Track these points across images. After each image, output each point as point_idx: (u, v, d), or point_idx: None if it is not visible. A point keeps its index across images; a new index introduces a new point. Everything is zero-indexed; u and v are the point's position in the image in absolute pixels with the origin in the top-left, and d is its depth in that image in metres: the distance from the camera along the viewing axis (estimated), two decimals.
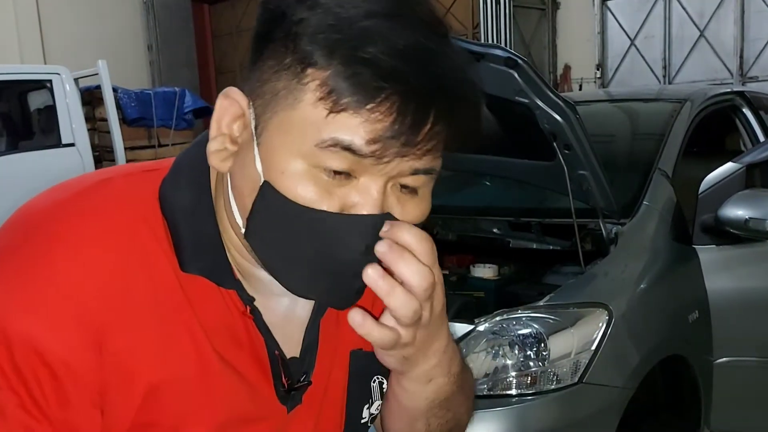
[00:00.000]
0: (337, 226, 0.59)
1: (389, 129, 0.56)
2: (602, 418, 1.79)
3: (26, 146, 6.24)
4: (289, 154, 0.58)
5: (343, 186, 0.59)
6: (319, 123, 0.57)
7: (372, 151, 0.57)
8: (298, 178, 0.58)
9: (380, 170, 0.59)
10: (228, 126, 0.63)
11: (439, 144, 0.60)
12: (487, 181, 2.95)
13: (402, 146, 0.57)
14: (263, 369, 0.68)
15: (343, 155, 0.57)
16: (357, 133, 0.56)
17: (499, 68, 1.92)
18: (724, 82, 7.97)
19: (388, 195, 0.61)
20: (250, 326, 0.67)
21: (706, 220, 2.26)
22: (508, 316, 1.82)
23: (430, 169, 0.61)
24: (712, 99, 2.82)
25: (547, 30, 10.14)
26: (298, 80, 0.57)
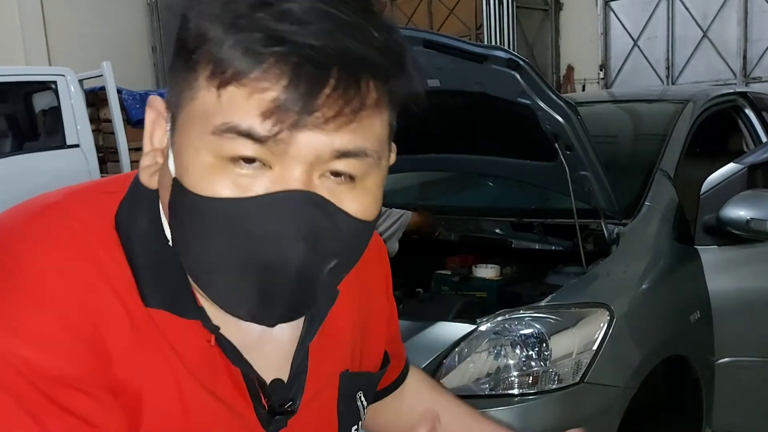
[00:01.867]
0: (249, 211, 0.53)
1: (280, 97, 0.50)
2: (603, 418, 1.79)
3: (31, 147, 6.27)
4: (193, 148, 0.53)
5: (257, 178, 0.53)
6: (211, 106, 0.52)
7: (268, 130, 0.51)
8: (205, 172, 0.53)
9: (292, 155, 0.52)
10: (159, 140, 0.59)
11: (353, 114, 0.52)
12: (490, 181, 2.96)
13: (299, 114, 0.50)
14: (242, 392, 0.65)
15: (242, 142, 0.51)
16: (248, 109, 0.51)
17: (501, 70, 1.93)
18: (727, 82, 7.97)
19: (317, 186, 0.54)
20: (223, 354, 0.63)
21: (708, 220, 2.26)
22: (510, 316, 1.83)
23: (356, 150, 0.54)
24: (714, 100, 2.83)
25: (550, 31, 10.14)
26: (193, 66, 0.53)
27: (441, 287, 2.44)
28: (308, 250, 0.54)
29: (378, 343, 0.82)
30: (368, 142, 0.54)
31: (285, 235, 0.53)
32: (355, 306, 0.77)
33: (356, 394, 0.76)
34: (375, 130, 0.55)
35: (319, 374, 0.71)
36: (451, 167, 2.79)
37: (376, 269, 0.83)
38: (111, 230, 0.60)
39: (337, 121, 0.52)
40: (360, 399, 0.77)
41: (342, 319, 0.75)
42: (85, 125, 6.10)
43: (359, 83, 0.52)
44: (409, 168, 2.86)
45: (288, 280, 0.55)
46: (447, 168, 2.85)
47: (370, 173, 0.56)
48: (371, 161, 0.55)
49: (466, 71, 2.02)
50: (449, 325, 1.88)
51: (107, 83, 6.34)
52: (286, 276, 0.55)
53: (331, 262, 0.57)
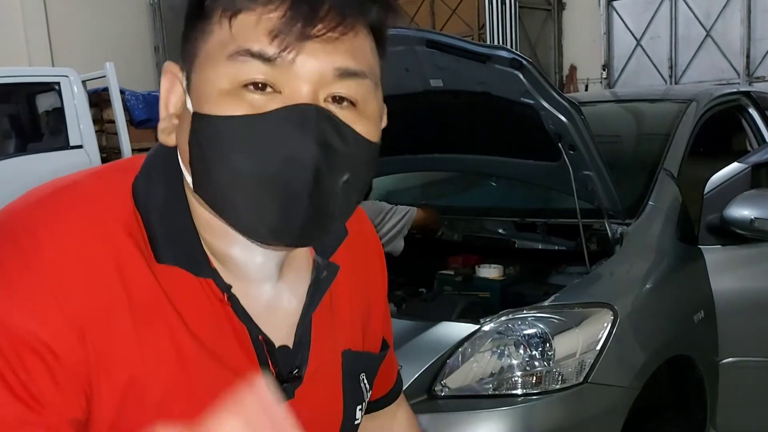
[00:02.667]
0: (265, 125, 0.58)
1: (285, 17, 0.57)
2: (607, 418, 1.79)
3: (35, 148, 6.28)
4: (210, 82, 0.59)
5: (269, 101, 0.58)
6: (226, 38, 0.58)
7: (276, 48, 0.57)
8: (221, 98, 0.58)
9: (299, 74, 0.58)
10: (175, 105, 0.65)
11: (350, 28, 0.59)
12: (493, 181, 2.95)
13: (301, 30, 0.57)
14: (249, 357, 0.67)
15: (254, 64, 0.57)
16: (257, 32, 0.57)
17: (504, 69, 1.93)
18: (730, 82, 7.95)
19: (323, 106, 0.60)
20: (231, 314, 0.66)
21: (712, 220, 2.25)
22: (514, 316, 1.82)
23: (354, 69, 0.60)
24: (718, 99, 2.82)
25: (553, 30, 10.13)
26: (205, 13, 0.60)
27: (444, 287, 2.43)
28: (322, 156, 0.58)
29: (377, 328, 0.84)
30: (364, 63, 0.61)
31: (299, 143, 0.57)
32: (356, 290, 0.79)
33: (360, 375, 0.78)
34: (367, 55, 0.62)
35: (322, 348, 0.73)
36: (454, 167, 2.79)
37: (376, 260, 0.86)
38: (126, 201, 0.64)
39: (335, 32, 0.58)
40: (363, 381, 0.78)
41: (344, 300, 0.77)
42: (89, 126, 6.10)
43: (354, 7, 0.59)
44: (412, 168, 2.86)
45: (306, 185, 0.58)
46: (450, 168, 2.85)
47: (369, 100, 0.62)
48: (369, 84, 0.62)
49: (469, 71, 2.02)
50: (452, 325, 1.88)
51: (110, 84, 6.35)
52: (303, 182, 0.58)
53: (343, 175, 0.61)
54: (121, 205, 0.63)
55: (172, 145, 0.65)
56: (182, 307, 0.63)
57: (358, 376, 0.78)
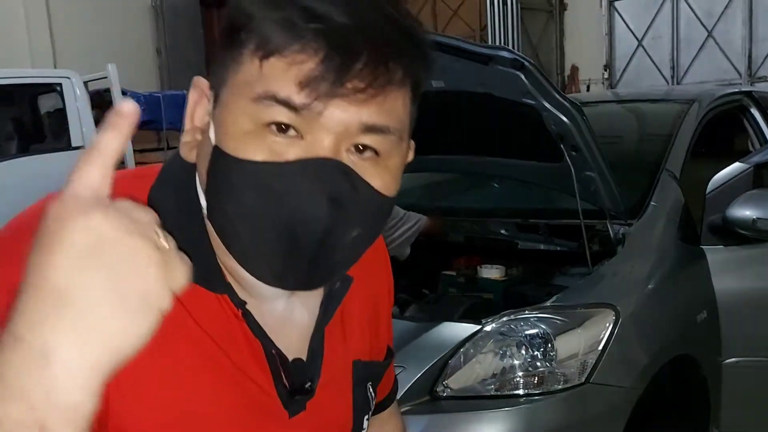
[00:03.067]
0: (282, 174, 0.57)
1: (317, 69, 0.55)
2: (610, 419, 1.79)
3: (37, 149, 6.29)
4: (234, 116, 0.58)
5: (290, 146, 0.57)
6: (254, 77, 0.57)
7: (304, 100, 0.56)
8: (243, 137, 0.58)
9: (324, 125, 0.57)
10: (200, 119, 0.64)
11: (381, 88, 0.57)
12: (495, 182, 2.95)
13: (332, 85, 0.55)
14: (263, 370, 0.67)
15: (279, 109, 0.56)
16: (286, 79, 0.56)
17: (506, 70, 1.93)
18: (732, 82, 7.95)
19: (344, 159, 0.59)
20: (246, 329, 0.66)
21: (714, 220, 2.25)
22: (516, 316, 1.82)
23: (381, 125, 0.58)
24: (720, 99, 2.82)
25: (555, 31, 10.14)
26: (239, 44, 0.59)
27: (447, 288, 2.43)
28: (333, 213, 0.58)
29: (383, 336, 0.85)
30: (392, 119, 0.59)
31: (313, 198, 0.57)
32: (366, 299, 0.80)
33: (367, 383, 0.79)
34: (398, 109, 0.60)
35: (334, 360, 0.73)
36: (457, 168, 2.79)
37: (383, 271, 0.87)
38: None
39: (365, 94, 0.56)
40: (369, 389, 0.79)
41: (355, 310, 0.77)
42: (90, 127, 6.11)
43: (387, 62, 0.57)
44: (414, 169, 2.85)
45: (314, 240, 0.58)
46: (452, 169, 2.85)
47: (393, 152, 0.61)
48: (394, 139, 0.60)
49: (471, 72, 2.02)
50: (454, 326, 1.88)
51: (112, 85, 6.36)
52: (312, 236, 0.58)
53: (354, 231, 0.61)
54: None
55: (191, 161, 0.65)
56: (202, 320, 0.63)
57: (366, 385, 0.78)
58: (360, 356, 0.77)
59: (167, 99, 7.60)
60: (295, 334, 0.70)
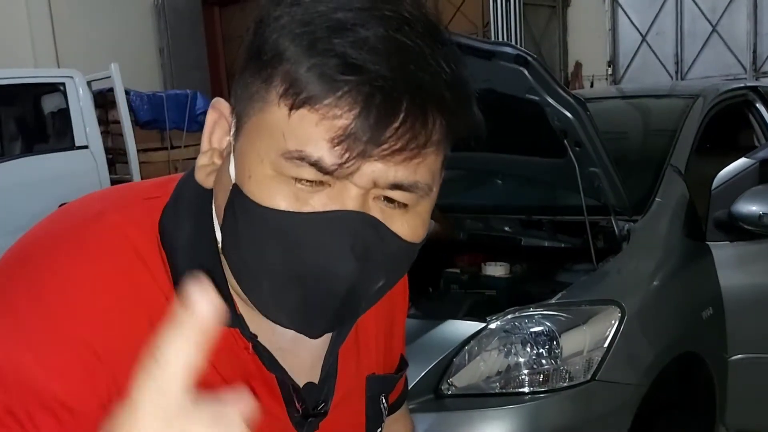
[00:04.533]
0: (305, 226, 0.54)
1: (352, 125, 0.51)
2: (616, 416, 1.78)
3: (40, 149, 6.29)
4: (258, 158, 0.54)
5: (315, 193, 0.54)
6: (282, 125, 0.53)
7: (336, 161, 0.52)
8: (266, 182, 0.54)
9: (354, 181, 0.53)
10: (219, 141, 0.61)
11: (418, 150, 0.53)
12: (498, 179, 2.94)
13: (367, 144, 0.51)
14: (276, 397, 0.66)
15: (308, 170, 0.53)
16: (317, 134, 0.51)
17: (509, 66, 1.92)
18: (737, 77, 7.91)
19: (371, 207, 0.55)
20: (257, 359, 0.64)
21: (720, 216, 2.24)
22: (520, 314, 1.81)
23: (414, 184, 0.55)
24: (725, 94, 2.80)
25: (558, 27, 10.10)
26: (266, 79, 0.54)
27: (450, 285, 2.42)
28: (359, 268, 0.55)
29: (397, 347, 0.84)
30: (425, 177, 0.56)
31: (338, 252, 0.54)
32: (381, 312, 0.78)
33: (380, 396, 0.78)
34: (431, 167, 0.56)
35: (348, 377, 0.72)
36: (460, 164, 2.78)
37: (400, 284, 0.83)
38: (152, 237, 0.61)
39: (402, 155, 0.53)
40: (382, 401, 0.78)
41: (370, 325, 0.76)
42: (94, 127, 6.11)
43: (426, 118, 0.53)
44: None
45: (336, 296, 0.56)
46: (455, 165, 2.83)
47: (423, 202, 0.58)
48: (422, 193, 0.56)
49: (474, 68, 2.00)
50: (459, 324, 1.87)
51: (115, 85, 6.36)
52: (336, 292, 0.56)
53: (379, 281, 0.59)
54: (146, 244, 0.60)
55: (208, 187, 0.61)
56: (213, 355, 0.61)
57: (379, 398, 0.77)
58: (373, 370, 0.77)
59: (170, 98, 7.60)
60: (308, 356, 0.69)
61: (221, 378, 0.62)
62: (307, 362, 0.69)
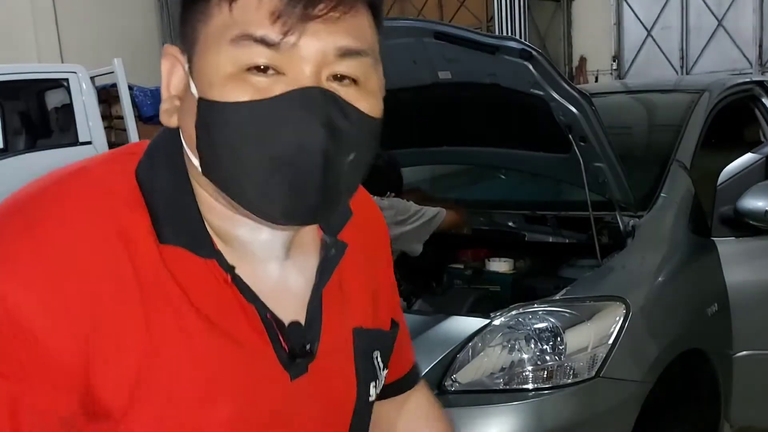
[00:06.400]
0: (272, 110, 0.59)
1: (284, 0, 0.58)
2: (620, 413, 1.77)
3: (44, 144, 6.31)
4: (213, 66, 0.60)
5: (273, 83, 0.59)
6: (227, 22, 0.59)
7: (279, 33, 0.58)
8: (227, 82, 0.59)
9: (302, 56, 0.59)
10: (176, 86, 0.65)
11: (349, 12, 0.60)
12: (502, 174, 2.93)
13: (302, 11, 0.58)
14: (260, 334, 0.67)
15: (257, 49, 0.58)
16: (259, 15, 0.58)
17: (513, 60, 1.91)
18: (743, 71, 7.88)
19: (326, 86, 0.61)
20: (238, 294, 0.66)
21: (725, 211, 2.23)
22: (524, 310, 1.81)
23: (356, 48, 0.61)
24: (730, 89, 2.78)
25: (562, 22, 10.07)
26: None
27: (454, 281, 2.42)
28: (329, 137, 0.59)
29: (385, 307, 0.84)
30: (364, 41, 0.62)
31: (307, 126, 0.59)
32: (364, 269, 0.80)
33: (372, 352, 0.78)
34: (367, 32, 0.63)
35: (333, 325, 0.73)
36: (464, 160, 2.77)
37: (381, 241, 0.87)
38: (131, 184, 0.65)
39: (335, 14, 0.59)
40: (377, 359, 0.78)
41: (353, 278, 0.77)
42: (97, 122, 6.12)
43: None
44: (421, 161, 2.84)
45: (316, 169, 0.60)
46: (459, 160, 2.83)
47: (370, 75, 0.63)
48: (370, 61, 0.63)
49: (478, 63, 2.00)
50: (462, 320, 1.87)
51: (118, 80, 6.37)
52: (314, 163, 0.59)
53: (350, 154, 0.62)
54: (127, 188, 0.64)
55: (174, 127, 0.66)
56: (188, 286, 0.63)
57: (371, 353, 0.78)
58: (361, 323, 0.77)
59: None
60: (292, 299, 0.70)
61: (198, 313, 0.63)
62: (291, 306, 0.70)
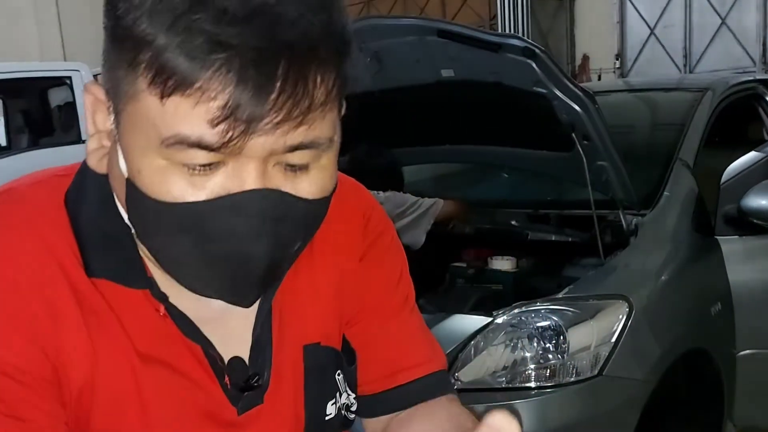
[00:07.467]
0: (208, 214, 0.53)
1: (229, 103, 0.48)
2: (623, 412, 1.77)
3: (47, 143, 6.32)
4: (141, 153, 0.52)
5: (211, 176, 0.52)
6: (157, 115, 0.50)
7: (219, 139, 0.49)
8: (157, 175, 0.52)
9: (246, 155, 0.51)
10: (103, 123, 0.58)
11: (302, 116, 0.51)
12: (505, 172, 2.93)
13: (248, 121, 0.49)
14: (205, 368, 0.64)
15: (193, 152, 0.50)
16: (195, 119, 0.49)
17: (516, 58, 1.91)
18: (746, 70, 7.86)
19: (272, 175, 0.53)
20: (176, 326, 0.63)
21: (729, 210, 2.22)
22: (527, 308, 1.81)
23: (314, 141, 0.53)
24: (734, 87, 2.78)
25: (565, 20, 10.06)
26: (131, 63, 0.51)
27: (456, 280, 2.42)
28: (272, 243, 0.55)
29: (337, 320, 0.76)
30: (320, 133, 0.53)
31: (248, 234, 0.53)
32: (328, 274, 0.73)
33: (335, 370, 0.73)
34: (326, 121, 0.54)
35: (285, 345, 0.69)
36: (467, 158, 2.77)
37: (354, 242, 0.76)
38: (60, 208, 0.61)
39: (286, 124, 0.51)
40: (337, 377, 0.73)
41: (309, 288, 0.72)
42: None
43: (307, 80, 0.50)
44: (424, 159, 2.83)
45: (256, 270, 0.56)
46: (462, 159, 2.82)
47: (323, 154, 0.56)
48: (324, 147, 0.55)
49: (481, 61, 2.00)
50: (465, 318, 1.86)
51: None
52: (256, 266, 0.56)
53: (295, 245, 0.58)
54: (54, 214, 0.61)
55: (102, 172, 0.60)
56: (125, 318, 0.61)
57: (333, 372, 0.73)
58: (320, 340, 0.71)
59: None
60: (238, 322, 0.66)
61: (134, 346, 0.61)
62: (237, 330, 0.67)
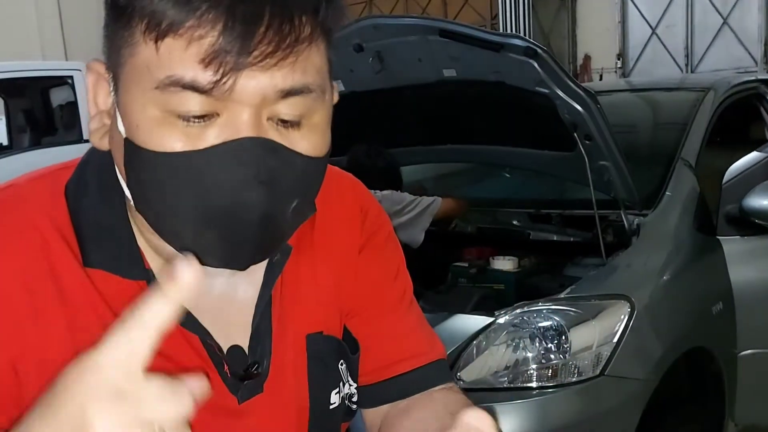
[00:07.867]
0: (204, 163, 0.53)
1: (218, 42, 0.51)
2: (625, 411, 1.77)
3: (49, 142, 6.33)
4: (139, 105, 0.54)
5: (207, 127, 0.53)
6: (152, 61, 0.52)
7: (211, 78, 0.51)
8: (155, 127, 0.53)
9: (238, 100, 0.53)
10: (104, 101, 0.60)
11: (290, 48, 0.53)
12: (507, 172, 2.93)
13: (237, 56, 0.51)
14: (204, 358, 0.64)
15: (187, 95, 0.52)
16: (188, 59, 0.51)
17: (518, 58, 1.91)
18: (748, 70, 7.85)
19: (267, 129, 0.55)
20: None
21: (731, 210, 2.22)
22: (529, 308, 1.81)
23: (299, 87, 0.54)
24: (735, 87, 2.78)
25: (567, 20, 10.05)
26: (127, 22, 0.54)
27: (458, 279, 2.42)
28: (268, 193, 0.55)
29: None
30: (309, 76, 0.55)
31: (244, 183, 0.54)
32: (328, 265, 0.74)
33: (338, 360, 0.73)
34: (314, 63, 0.56)
35: (288, 335, 0.69)
36: (469, 158, 2.77)
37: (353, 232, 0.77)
38: (59, 200, 0.62)
39: (275, 57, 0.52)
40: (341, 367, 0.74)
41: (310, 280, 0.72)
42: None
43: (293, 18, 0.53)
44: (427, 159, 2.84)
45: (253, 224, 0.56)
46: (463, 159, 2.82)
47: (316, 110, 0.57)
48: (315, 96, 0.56)
49: (483, 60, 2.00)
50: (467, 318, 1.86)
51: None
52: (251, 221, 0.55)
53: (293, 201, 0.58)
54: (55, 207, 0.62)
55: (104, 149, 0.61)
56: (118, 309, 0.60)
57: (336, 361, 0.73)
58: (322, 329, 0.72)
59: None
60: (238, 311, 0.67)
61: None
62: (237, 319, 0.67)
